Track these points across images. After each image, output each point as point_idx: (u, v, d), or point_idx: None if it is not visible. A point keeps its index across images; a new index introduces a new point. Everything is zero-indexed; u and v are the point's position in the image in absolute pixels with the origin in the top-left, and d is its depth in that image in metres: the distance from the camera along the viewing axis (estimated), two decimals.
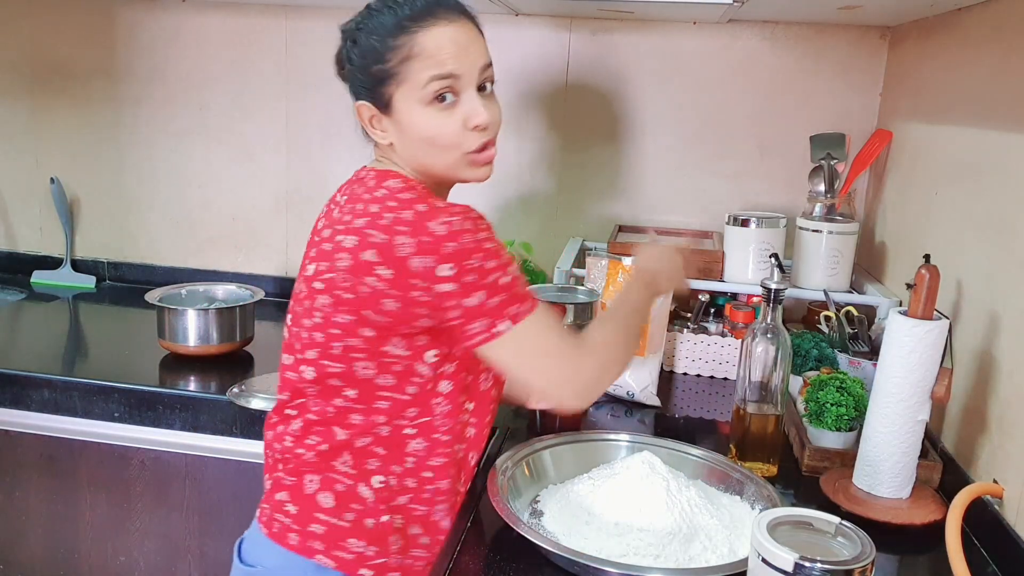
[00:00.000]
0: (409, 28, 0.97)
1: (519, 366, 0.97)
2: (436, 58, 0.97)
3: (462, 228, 0.91)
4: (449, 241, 0.90)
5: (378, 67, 0.98)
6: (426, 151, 1.01)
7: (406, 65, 0.97)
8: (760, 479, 1.11)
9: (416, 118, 0.99)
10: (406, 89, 0.98)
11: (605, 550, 0.95)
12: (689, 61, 1.87)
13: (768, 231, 1.63)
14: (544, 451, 1.18)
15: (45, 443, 1.55)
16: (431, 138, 0.99)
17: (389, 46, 0.97)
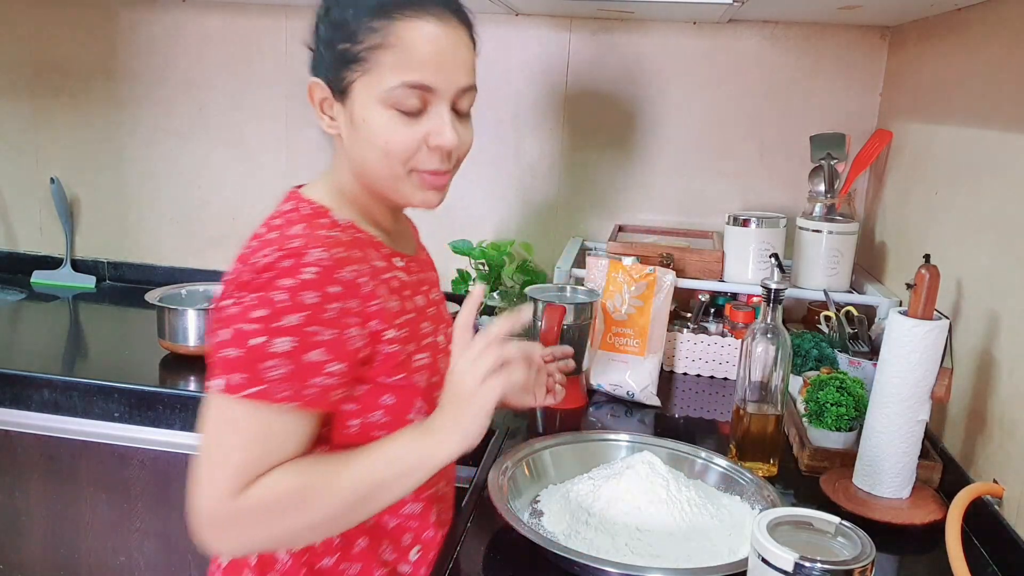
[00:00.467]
0: (391, 12, 0.84)
1: (199, 446, 0.81)
2: (411, 60, 0.85)
3: (291, 286, 0.79)
4: (257, 277, 0.80)
5: (344, 46, 0.86)
6: (372, 156, 0.88)
7: (376, 54, 0.85)
8: (760, 479, 1.11)
9: (371, 116, 0.86)
10: (369, 81, 0.85)
11: (605, 550, 0.95)
12: (689, 61, 1.87)
13: (768, 231, 1.63)
14: (544, 451, 1.18)
15: (45, 443, 1.55)
16: (378, 144, 0.87)
17: (363, 26, 0.85)
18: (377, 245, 0.93)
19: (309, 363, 0.79)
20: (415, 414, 0.90)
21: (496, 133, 1.95)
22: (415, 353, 0.91)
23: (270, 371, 0.78)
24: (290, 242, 0.82)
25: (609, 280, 1.57)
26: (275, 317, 0.78)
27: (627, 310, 1.54)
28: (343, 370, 0.82)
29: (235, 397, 0.78)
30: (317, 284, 0.80)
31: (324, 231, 0.86)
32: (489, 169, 1.97)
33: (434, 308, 1.00)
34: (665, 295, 1.53)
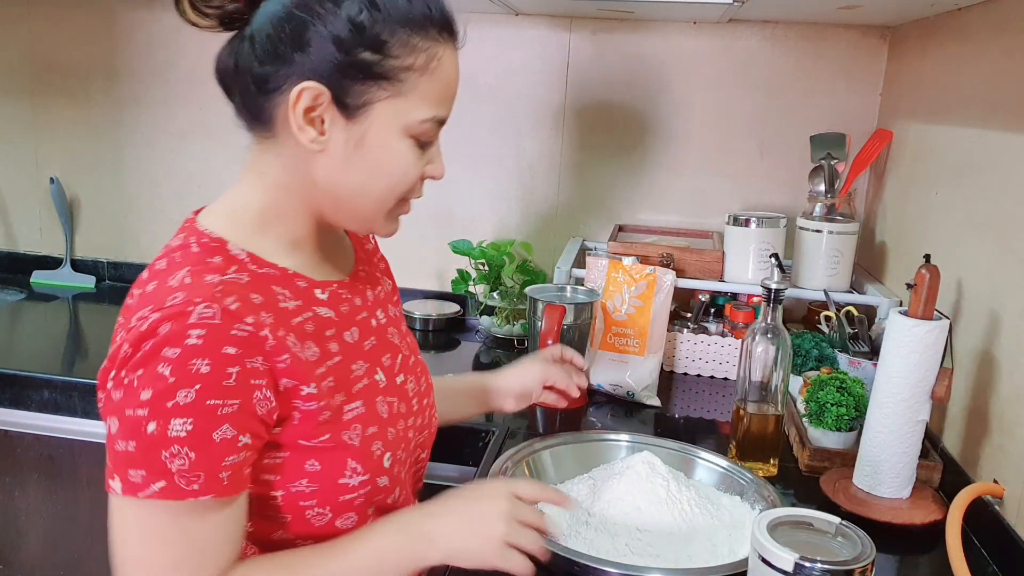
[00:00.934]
0: (435, 32, 0.75)
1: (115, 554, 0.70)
2: (447, 92, 0.77)
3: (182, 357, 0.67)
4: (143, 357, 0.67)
5: (372, 56, 0.72)
6: (374, 184, 0.77)
7: (415, 78, 0.74)
8: (760, 479, 1.11)
9: (391, 144, 0.76)
10: (399, 106, 0.75)
11: (605, 550, 0.95)
12: (689, 61, 1.87)
13: (768, 231, 1.63)
14: (544, 451, 1.18)
15: (45, 443, 1.55)
16: (393, 175, 0.77)
17: (401, 39, 0.73)
18: (290, 279, 0.79)
19: (216, 444, 0.67)
20: (349, 479, 0.78)
21: (496, 133, 1.95)
22: (344, 404, 0.78)
23: (171, 461, 0.66)
24: (170, 298, 0.68)
25: (609, 280, 1.57)
26: (165, 396, 0.65)
27: (627, 310, 1.54)
28: (253, 440, 0.71)
29: (139, 499, 0.67)
30: (206, 350, 0.66)
31: (214, 275, 0.72)
32: (489, 169, 1.97)
33: (373, 339, 0.87)
34: (665, 295, 1.53)
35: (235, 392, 0.68)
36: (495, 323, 1.87)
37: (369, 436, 0.80)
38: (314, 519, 0.78)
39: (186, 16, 0.74)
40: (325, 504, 0.77)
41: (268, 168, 0.79)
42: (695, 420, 1.46)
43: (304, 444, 0.75)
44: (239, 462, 0.70)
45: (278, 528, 0.78)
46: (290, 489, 0.76)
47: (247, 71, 0.76)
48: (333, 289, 0.84)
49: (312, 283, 0.81)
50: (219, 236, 0.77)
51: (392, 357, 0.89)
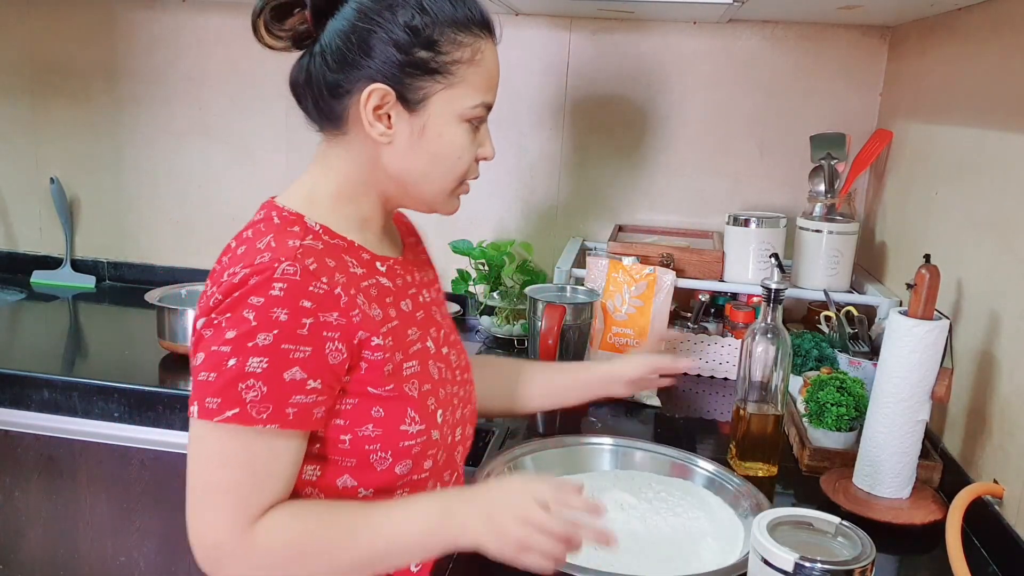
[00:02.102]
0: (475, 29, 0.86)
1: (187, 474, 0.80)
2: (490, 80, 0.89)
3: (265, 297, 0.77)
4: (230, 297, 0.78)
5: (427, 54, 0.84)
6: (435, 168, 0.89)
7: (464, 69, 0.85)
8: (747, 483, 1.10)
9: (449, 130, 0.87)
10: (452, 94, 0.86)
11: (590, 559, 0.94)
12: (689, 61, 1.87)
13: (768, 231, 1.63)
14: (526, 456, 1.16)
15: (45, 443, 1.55)
16: (451, 158, 0.88)
17: (450, 38, 0.84)
18: (356, 250, 0.89)
19: (286, 382, 0.77)
20: (408, 426, 0.87)
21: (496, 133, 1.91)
22: (403, 362, 0.88)
23: (246, 392, 0.76)
24: (258, 257, 0.79)
25: (609, 280, 1.57)
26: (247, 337, 0.76)
27: (627, 310, 1.54)
28: (323, 386, 0.80)
29: (213, 424, 0.76)
30: (286, 301, 0.77)
31: (295, 240, 0.83)
32: (489, 169, 1.95)
33: (422, 312, 0.97)
34: (665, 295, 1.53)
35: (308, 340, 0.78)
36: (495, 323, 1.87)
37: (425, 392, 0.89)
38: (377, 463, 0.85)
39: (263, 41, 0.86)
40: (387, 448, 0.85)
41: (339, 160, 0.90)
42: (695, 420, 1.46)
43: (371, 392, 0.85)
44: (306, 403, 0.79)
45: (344, 472, 0.85)
46: (357, 433, 0.84)
47: (320, 80, 0.86)
48: (390, 264, 0.94)
49: (374, 256, 0.92)
50: (296, 211, 0.88)
51: (437, 330, 0.98)
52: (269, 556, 0.79)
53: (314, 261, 0.81)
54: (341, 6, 0.84)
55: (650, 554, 0.96)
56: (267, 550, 0.79)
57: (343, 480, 0.86)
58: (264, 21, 0.85)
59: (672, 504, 1.06)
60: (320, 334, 0.79)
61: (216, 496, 0.78)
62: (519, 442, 1.20)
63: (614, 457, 1.19)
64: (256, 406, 0.76)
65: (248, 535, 0.78)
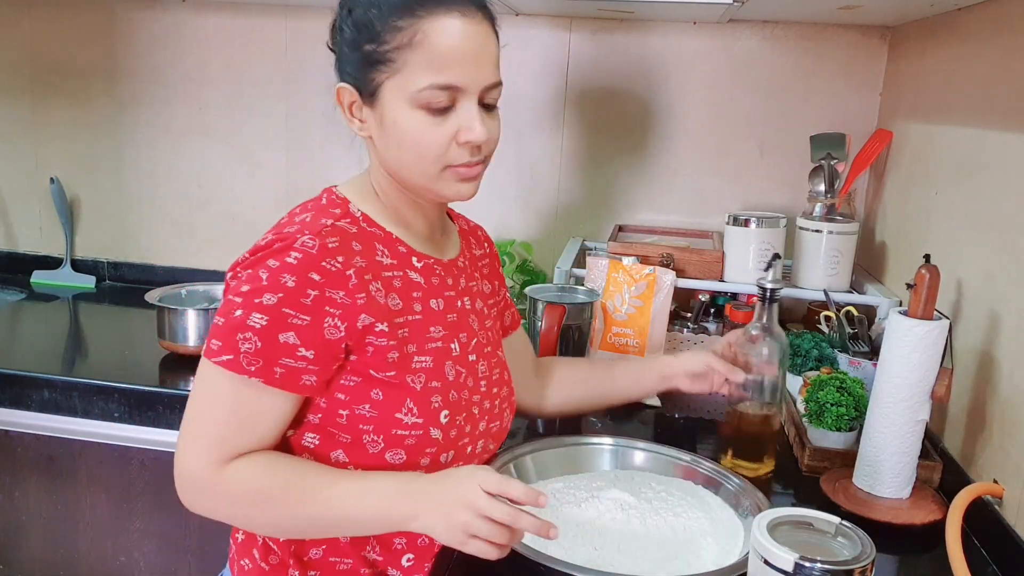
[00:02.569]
0: (415, 10, 0.84)
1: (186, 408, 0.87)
2: (439, 59, 0.84)
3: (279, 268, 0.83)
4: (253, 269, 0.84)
5: (371, 47, 0.85)
6: (405, 156, 0.89)
7: (403, 54, 0.84)
8: (747, 482, 1.10)
9: (401, 117, 0.86)
10: (398, 81, 0.85)
11: (584, 558, 0.94)
12: (689, 61, 1.87)
13: (768, 231, 1.63)
14: (526, 456, 1.15)
15: (45, 443, 1.55)
16: (413, 143, 0.87)
17: (389, 25, 0.84)
18: (394, 242, 0.93)
19: (279, 343, 0.82)
20: (404, 416, 0.88)
21: None
22: (415, 355, 0.90)
23: (242, 343, 0.81)
24: (289, 227, 0.86)
25: (609, 280, 1.57)
26: (255, 294, 0.82)
27: (627, 310, 1.54)
28: (315, 357, 0.83)
29: (211, 363, 0.83)
30: (297, 269, 0.82)
31: (329, 219, 0.88)
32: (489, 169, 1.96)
33: (455, 315, 0.97)
34: (665, 295, 1.53)
35: (308, 310, 0.82)
36: None
37: (430, 388, 0.90)
38: (368, 445, 0.88)
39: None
40: (380, 432, 0.88)
41: (369, 152, 0.96)
42: (695, 420, 1.46)
43: (373, 375, 0.87)
44: (295, 367, 0.83)
45: (339, 447, 0.89)
46: (354, 410, 0.87)
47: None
48: (429, 263, 0.97)
49: (411, 251, 0.95)
50: (345, 196, 0.94)
51: (469, 337, 0.99)
52: (232, 495, 0.85)
53: (337, 241, 0.85)
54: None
55: (650, 554, 0.96)
56: (231, 489, 0.84)
57: (336, 454, 0.89)
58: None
59: (672, 504, 1.06)
60: (322, 308, 0.83)
61: (200, 430, 0.85)
62: (519, 442, 1.20)
63: (614, 457, 1.19)
64: (248, 357, 0.82)
65: (218, 472, 0.84)
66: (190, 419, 0.86)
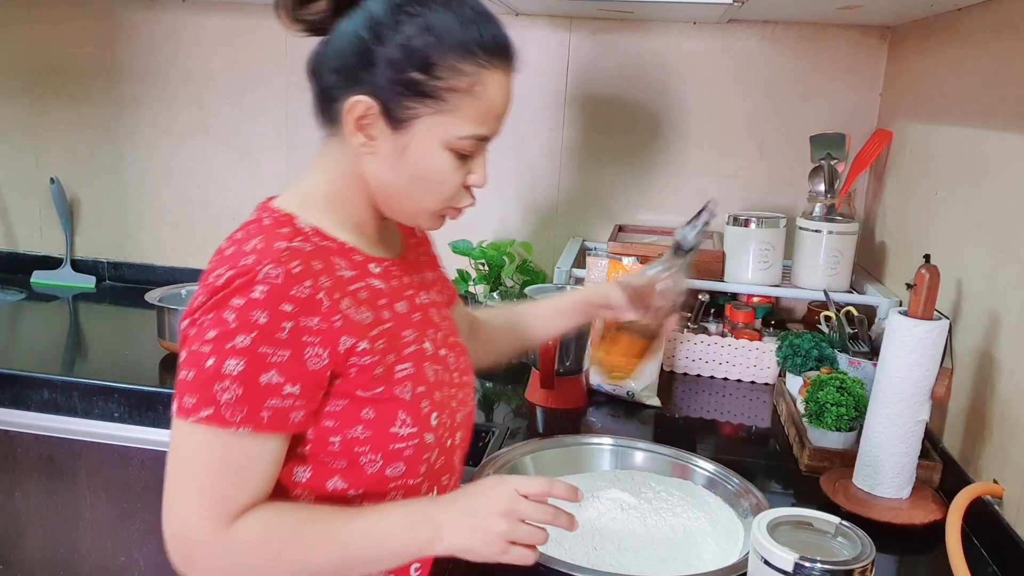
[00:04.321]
0: (479, 58, 0.82)
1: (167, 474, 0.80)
2: (489, 113, 0.86)
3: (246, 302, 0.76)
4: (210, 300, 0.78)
5: (420, 76, 0.81)
6: (415, 189, 0.87)
7: (457, 98, 0.83)
8: (747, 483, 1.10)
9: (431, 155, 0.85)
10: (441, 121, 0.83)
11: (584, 558, 0.94)
12: (689, 61, 1.87)
13: (768, 231, 1.63)
14: (526, 456, 1.15)
15: (45, 443, 1.55)
16: (432, 181, 0.86)
17: (447, 63, 0.81)
18: (348, 252, 0.88)
19: (262, 385, 0.76)
20: (399, 428, 0.85)
21: None
22: (396, 364, 0.87)
23: (221, 394, 0.76)
24: (243, 259, 0.79)
25: (609, 280, 1.57)
26: (225, 338, 0.76)
27: None
28: (301, 391, 0.79)
29: (188, 422, 0.77)
30: (266, 303, 0.76)
31: (282, 242, 0.81)
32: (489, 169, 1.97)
33: (420, 313, 0.95)
34: None
35: (286, 344, 0.77)
36: None
37: (418, 394, 0.88)
38: (367, 465, 0.85)
39: (282, 21, 0.85)
40: (377, 451, 0.84)
41: (333, 159, 0.89)
42: (695, 420, 1.46)
43: (361, 395, 0.83)
44: (282, 407, 0.78)
45: (334, 474, 0.84)
46: (347, 435, 0.83)
47: (321, 76, 0.86)
48: (385, 265, 0.92)
49: (367, 258, 0.90)
50: (288, 212, 0.87)
51: (435, 332, 0.97)
52: (243, 554, 0.79)
53: (300, 264, 0.80)
54: (359, 4, 0.83)
55: (650, 554, 0.96)
56: (241, 548, 0.79)
57: (333, 482, 0.85)
58: (286, 1, 0.84)
59: (672, 504, 1.06)
60: (300, 339, 0.78)
61: (193, 493, 0.78)
62: (519, 442, 1.20)
63: (614, 457, 1.19)
64: (230, 407, 0.76)
65: (224, 533, 0.78)
66: (179, 481, 0.79)
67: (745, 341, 1.65)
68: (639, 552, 0.96)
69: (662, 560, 0.95)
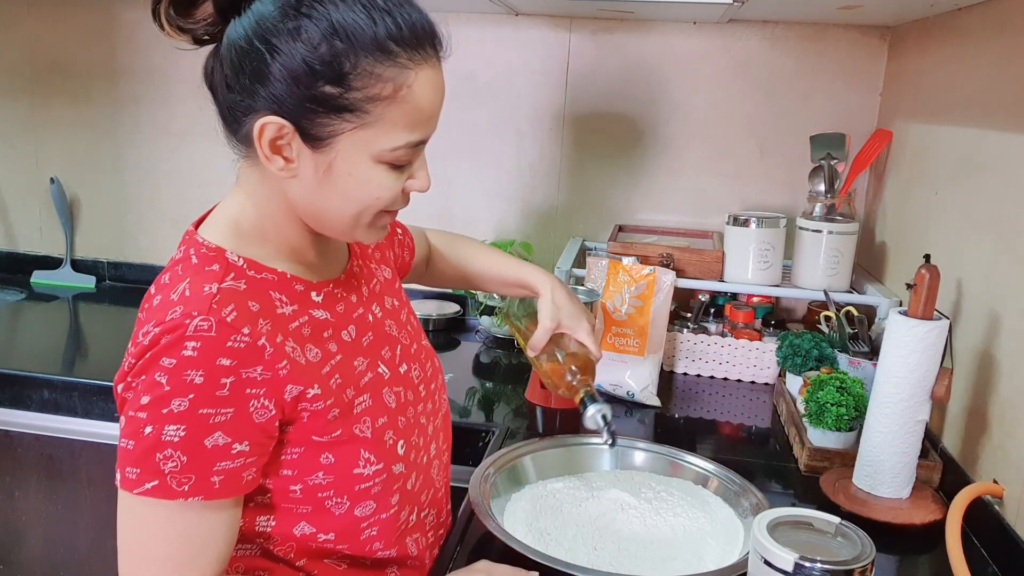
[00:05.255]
0: (399, 57, 0.71)
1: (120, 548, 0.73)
2: (420, 116, 0.74)
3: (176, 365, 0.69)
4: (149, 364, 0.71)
5: (333, 89, 0.70)
6: (345, 206, 0.76)
7: (379, 108, 0.71)
8: (747, 483, 1.10)
9: (357, 170, 0.74)
10: (365, 135, 0.72)
11: (584, 558, 0.94)
12: (689, 61, 1.87)
13: (768, 231, 1.63)
14: (526, 456, 1.15)
15: (45, 443, 1.55)
16: (366, 198, 0.76)
17: (363, 69, 0.70)
18: (288, 283, 0.80)
19: (208, 449, 0.70)
20: (363, 468, 0.80)
21: (496, 133, 1.95)
22: (354, 399, 0.81)
23: (164, 463, 0.69)
24: (170, 312, 0.70)
25: (609, 280, 1.57)
26: (160, 403, 0.69)
27: (627, 310, 1.54)
28: (251, 448, 0.72)
29: (132, 494, 0.70)
30: (201, 361, 0.69)
31: (212, 284, 0.73)
32: (489, 169, 1.97)
33: (371, 334, 0.88)
34: (665, 295, 1.53)
35: (229, 401, 0.70)
36: (495, 323, 1.87)
37: (380, 427, 0.82)
38: (333, 508, 0.80)
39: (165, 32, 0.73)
40: (342, 494, 0.80)
41: (258, 185, 0.80)
42: (695, 420, 1.46)
43: (317, 440, 0.78)
44: (233, 468, 0.72)
45: (300, 519, 0.80)
46: (308, 482, 0.78)
47: (219, 92, 0.76)
48: (328, 290, 0.85)
49: (309, 286, 0.83)
50: (217, 246, 0.78)
51: (391, 349, 0.90)
52: None
53: (233, 309, 0.72)
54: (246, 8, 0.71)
55: (650, 554, 0.96)
56: None
57: (300, 528, 0.80)
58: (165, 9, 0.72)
59: (672, 504, 1.06)
60: (242, 392, 0.71)
61: (150, 569, 0.72)
62: (519, 442, 1.20)
63: (614, 457, 1.19)
64: (176, 477, 0.69)
65: None
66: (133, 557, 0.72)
67: (745, 341, 1.65)
68: (639, 552, 0.96)
69: (662, 560, 0.95)
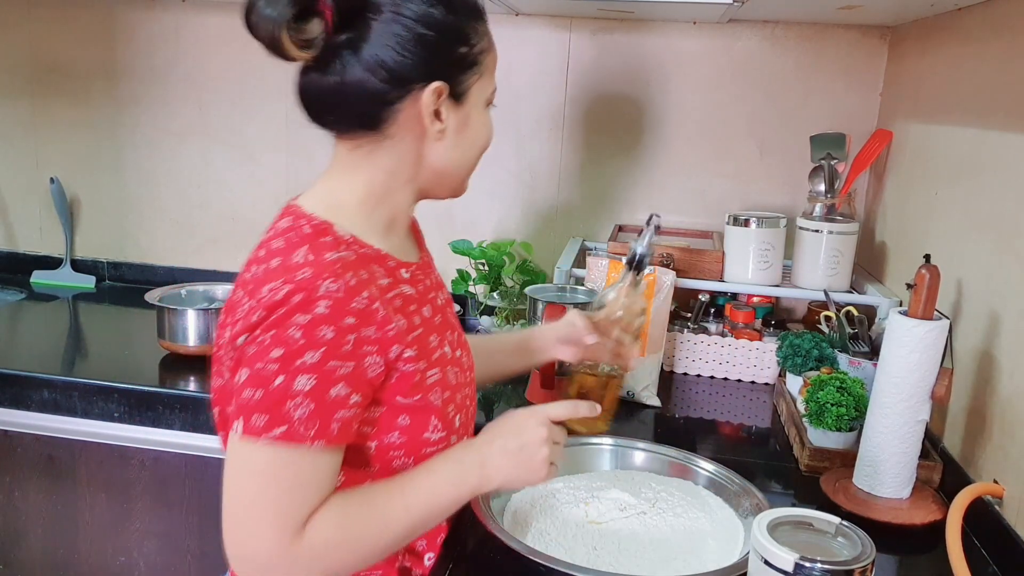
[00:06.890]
0: (484, 18, 0.90)
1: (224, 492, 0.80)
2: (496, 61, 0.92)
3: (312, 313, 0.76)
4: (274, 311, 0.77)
5: (464, 49, 0.86)
6: (472, 154, 0.93)
7: (486, 57, 0.89)
8: (747, 483, 1.10)
9: (482, 116, 0.92)
10: (482, 83, 0.90)
11: (584, 558, 0.94)
12: (689, 61, 1.87)
13: (768, 231, 1.63)
14: None
15: (45, 443, 1.55)
16: (484, 141, 0.93)
17: (473, 29, 0.87)
18: (383, 259, 0.88)
19: (332, 399, 0.77)
20: (431, 433, 0.88)
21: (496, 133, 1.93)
22: (427, 370, 0.88)
23: (294, 411, 0.76)
24: (299, 273, 0.78)
25: (609, 280, 1.57)
26: (294, 356, 0.76)
27: None
28: (362, 400, 0.81)
29: (259, 441, 0.76)
30: (331, 318, 0.77)
31: (331, 253, 0.81)
32: (489, 169, 1.97)
33: (440, 316, 0.96)
34: (665, 295, 1.53)
35: (351, 356, 0.79)
36: (495, 323, 1.87)
37: (446, 399, 0.90)
38: (399, 469, 0.88)
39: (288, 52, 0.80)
40: (410, 455, 0.87)
41: (370, 164, 0.89)
42: (695, 420, 1.46)
43: (400, 401, 0.86)
44: (348, 417, 0.80)
45: (367, 478, 0.87)
46: (383, 440, 0.86)
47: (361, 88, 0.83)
48: (413, 270, 0.94)
49: (399, 263, 0.91)
50: (323, 220, 0.86)
51: (452, 332, 0.99)
52: (321, 558, 0.80)
53: (353, 276, 0.80)
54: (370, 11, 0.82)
55: (650, 554, 0.96)
56: (317, 553, 0.79)
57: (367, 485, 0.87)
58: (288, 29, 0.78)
59: (672, 504, 1.06)
60: (361, 348, 0.79)
61: (261, 512, 0.78)
62: None
63: (614, 457, 1.19)
64: (304, 423, 0.76)
65: (299, 544, 0.78)
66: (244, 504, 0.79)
67: (745, 341, 1.65)
68: (639, 552, 0.96)
69: (662, 560, 0.95)
